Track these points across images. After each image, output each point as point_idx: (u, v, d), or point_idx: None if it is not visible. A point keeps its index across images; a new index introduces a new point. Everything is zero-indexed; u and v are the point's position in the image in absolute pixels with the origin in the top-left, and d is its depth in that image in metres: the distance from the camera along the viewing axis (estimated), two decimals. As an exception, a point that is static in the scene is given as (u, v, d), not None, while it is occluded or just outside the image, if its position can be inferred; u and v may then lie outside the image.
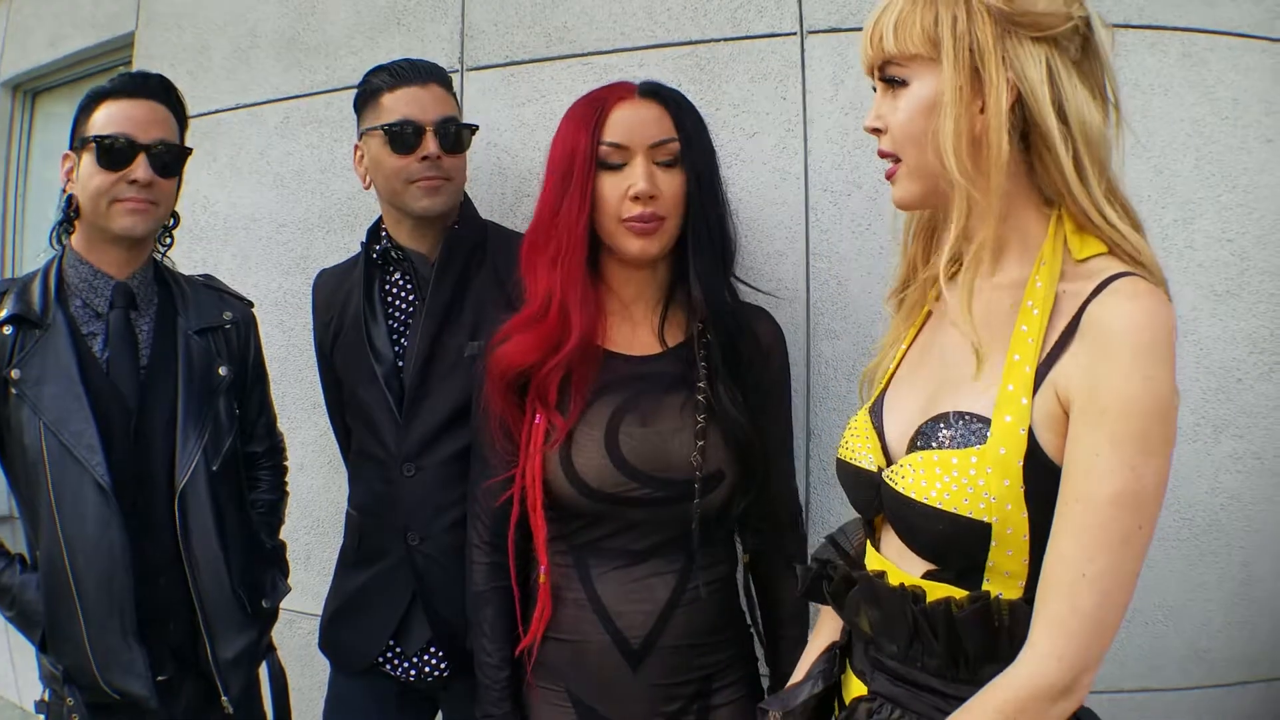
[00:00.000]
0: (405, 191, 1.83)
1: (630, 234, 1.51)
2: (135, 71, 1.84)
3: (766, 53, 2.00)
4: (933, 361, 1.24)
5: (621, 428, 1.52)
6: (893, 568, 1.18)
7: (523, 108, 2.16)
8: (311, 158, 2.39)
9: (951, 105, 1.08)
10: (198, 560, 1.76)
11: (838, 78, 1.95)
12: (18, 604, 1.73)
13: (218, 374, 1.85)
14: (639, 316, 1.62)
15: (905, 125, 1.14)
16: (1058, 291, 1.09)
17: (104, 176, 1.70)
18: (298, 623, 2.41)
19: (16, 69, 3.69)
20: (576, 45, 2.13)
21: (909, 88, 1.13)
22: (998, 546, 1.06)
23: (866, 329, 1.91)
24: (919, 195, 1.18)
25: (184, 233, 2.58)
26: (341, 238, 2.33)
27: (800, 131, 1.97)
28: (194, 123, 2.55)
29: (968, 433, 1.09)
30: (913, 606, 1.12)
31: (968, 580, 1.10)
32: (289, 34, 2.46)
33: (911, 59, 1.12)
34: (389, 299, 1.90)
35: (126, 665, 1.69)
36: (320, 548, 2.40)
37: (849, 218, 1.94)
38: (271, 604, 1.93)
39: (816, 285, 1.95)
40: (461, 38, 2.23)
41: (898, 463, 1.16)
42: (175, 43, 2.70)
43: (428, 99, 1.84)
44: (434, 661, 1.85)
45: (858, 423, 1.28)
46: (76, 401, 1.68)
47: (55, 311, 1.72)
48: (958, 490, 1.07)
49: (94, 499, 1.67)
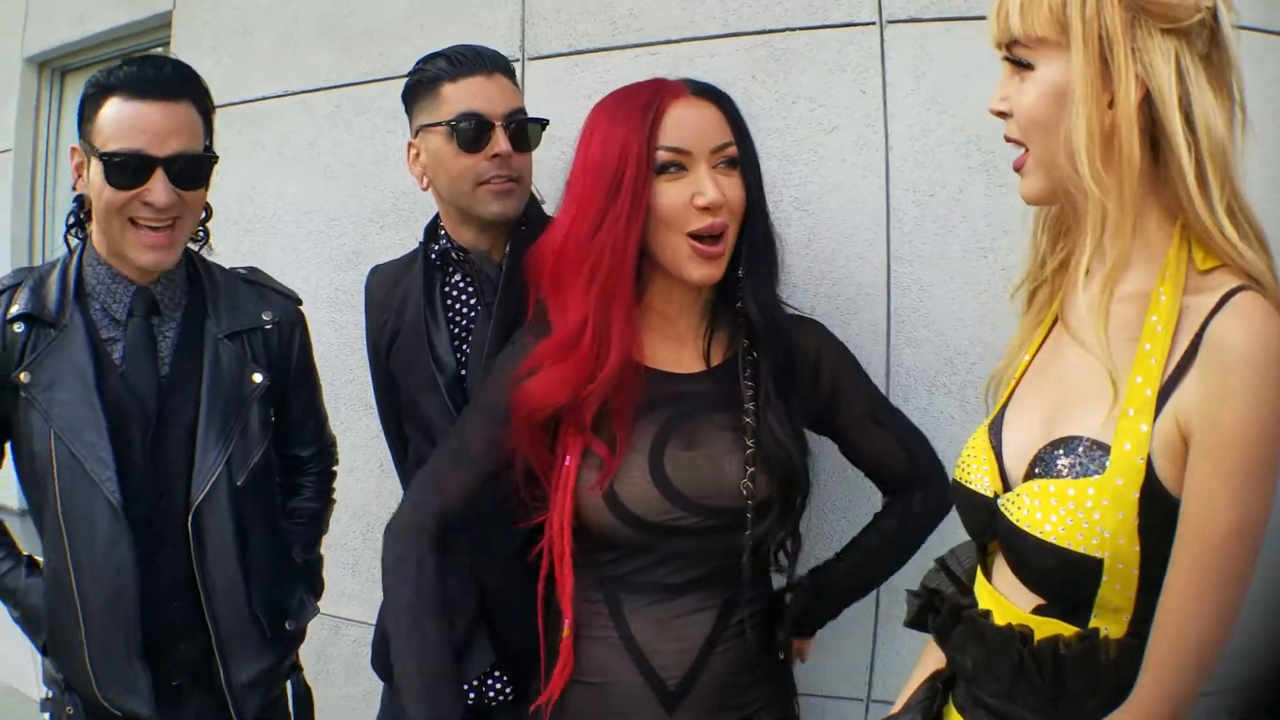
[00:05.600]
0: (473, 195, 1.71)
1: (698, 258, 1.40)
2: (147, 59, 1.63)
3: (844, 43, 1.91)
4: (1055, 375, 1.17)
5: (667, 450, 1.42)
6: (1002, 602, 1.13)
7: (586, 99, 2.03)
8: (365, 148, 2.32)
9: (1084, 100, 1.02)
10: (213, 581, 1.65)
11: (919, 70, 1.86)
12: (22, 607, 1.66)
13: (250, 381, 1.70)
14: (682, 332, 1.51)
15: (1031, 111, 1.07)
16: (1181, 305, 1.03)
17: (115, 195, 1.52)
18: (344, 629, 2.36)
19: (43, 45, 3.60)
20: (644, 34, 2.04)
21: (1035, 71, 1.07)
22: (1108, 581, 1.02)
23: (950, 337, 1.84)
24: (1047, 190, 1.11)
25: (229, 223, 2.52)
26: (397, 233, 2.26)
27: (881, 127, 1.88)
28: (238, 110, 2.50)
29: (1087, 461, 1.05)
30: (1020, 647, 1.08)
31: (1075, 616, 1.06)
32: (334, 18, 2.38)
33: (1038, 42, 1.05)
34: (449, 302, 1.81)
35: (128, 685, 1.60)
36: (369, 554, 2.35)
37: (932, 219, 1.85)
38: (296, 626, 1.80)
39: (898, 290, 1.87)
40: (522, 25, 2.14)
41: (1014, 491, 1.11)
42: (215, 24, 2.62)
43: (494, 90, 1.72)
44: (497, 686, 1.77)
45: (976, 442, 1.22)
46: (90, 410, 1.56)
47: (73, 312, 1.59)
48: (1073, 524, 1.02)
49: (104, 515, 1.56)
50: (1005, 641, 1.09)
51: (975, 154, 1.80)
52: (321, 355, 2.31)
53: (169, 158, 1.52)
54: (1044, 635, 1.07)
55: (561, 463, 1.44)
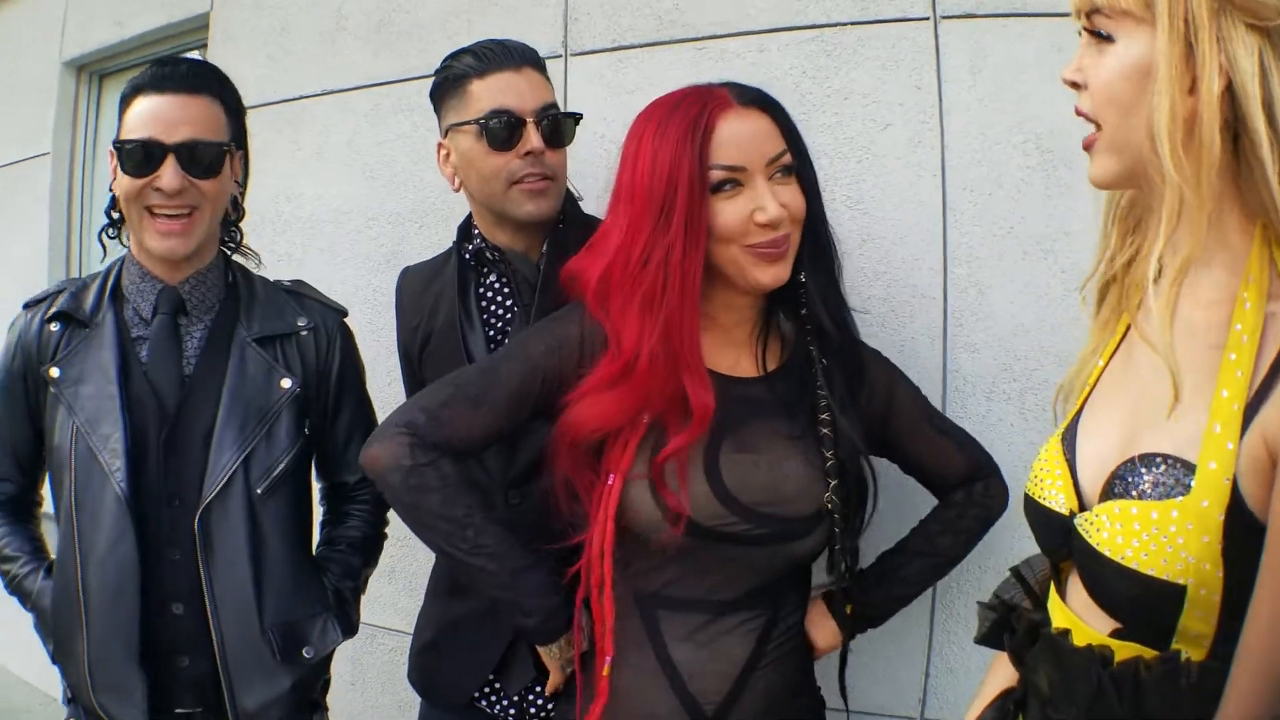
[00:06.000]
0: (506, 195, 1.66)
1: (761, 261, 1.34)
2: (168, 58, 1.67)
3: (897, 38, 1.86)
4: (1132, 384, 1.11)
5: (722, 452, 1.37)
6: (1078, 623, 1.07)
7: (631, 96, 2.03)
8: (403, 147, 2.29)
9: (1167, 81, 0.96)
10: (221, 590, 1.59)
11: (975, 66, 1.80)
12: (37, 609, 1.65)
13: (279, 386, 1.67)
14: (738, 338, 1.46)
15: (1108, 86, 1.01)
16: (1266, 312, 0.97)
17: (129, 183, 1.56)
18: (380, 638, 2.32)
19: (82, 49, 3.61)
20: (690, 29, 1.99)
21: (1115, 45, 1.01)
22: (1190, 609, 0.96)
23: (1009, 342, 1.77)
24: (1118, 172, 1.05)
25: (265, 224, 2.50)
26: (435, 233, 2.22)
27: (936, 124, 1.82)
28: (275, 109, 2.47)
29: (1170, 480, 0.98)
30: (1100, 670, 1.02)
31: (1154, 643, 1.00)
32: (378, 16, 2.35)
33: (1122, 15, 0.99)
34: (484, 304, 1.75)
35: (123, 691, 1.55)
36: (405, 561, 2.30)
37: (991, 219, 1.79)
38: (314, 654, 1.68)
39: (955, 292, 1.80)
40: (565, 20, 2.10)
41: (1093, 510, 1.04)
42: (254, 24, 2.60)
43: (524, 85, 1.66)
44: (539, 701, 1.70)
45: (1048, 455, 1.16)
46: (110, 402, 1.57)
47: (106, 312, 1.63)
48: (1156, 550, 0.96)
49: (111, 508, 1.55)
50: (1084, 663, 1.03)
51: (1034, 152, 1.74)
52: (358, 359, 2.27)
53: (179, 144, 1.55)
54: (1124, 658, 1.01)
55: (604, 481, 1.38)
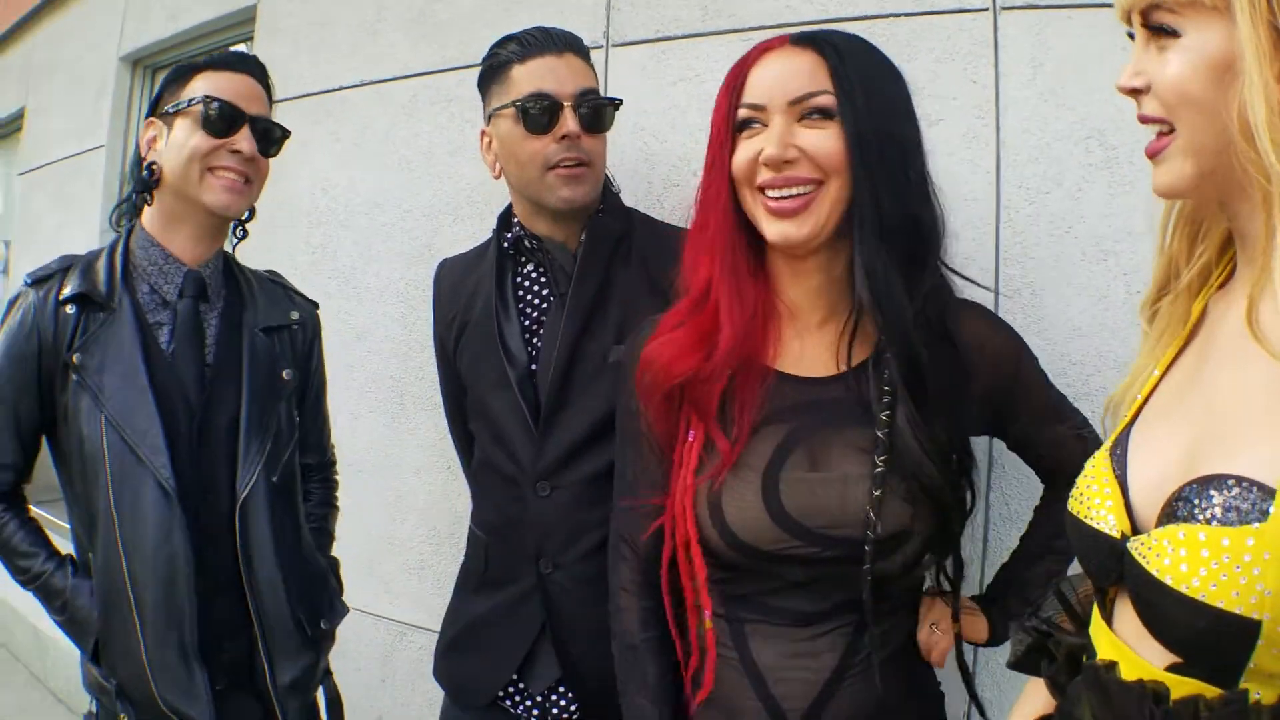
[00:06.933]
0: (541, 181, 1.63)
1: (770, 215, 1.24)
2: (233, 51, 1.79)
3: (954, 30, 1.77)
4: (1198, 399, 1.00)
5: (784, 471, 1.25)
6: (1127, 654, 0.97)
7: (673, 87, 1.97)
8: (440, 139, 2.25)
9: (1257, 69, 0.86)
10: (258, 578, 1.64)
11: (1036, 60, 1.71)
12: (69, 609, 1.60)
13: (281, 377, 1.73)
14: (811, 325, 1.33)
15: (1181, 85, 0.91)
16: None
17: (205, 140, 1.59)
18: (409, 636, 2.28)
19: (136, 44, 3.67)
20: (735, 19, 1.93)
21: (1181, 39, 0.91)
22: (1265, 645, 0.86)
23: (1063, 347, 1.68)
24: (1193, 179, 0.94)
25: (300, 215, 2.48)
26: (470, 226, 2.18)
27: (992, 120, 1.74)
28: (315, 100, 2.45)
29: (1245, 505, 0.88)
30: (1154, 707, 0.92)
31: (1218, 680, 0.90)
32: (419, 7, 2.31)
33: (1190, 5, 0.90)
34: (520, 293, 1.71)
35: (185, 686, 1.56)
36: (436, 559, 2.26)
37: (1047, 219, 1.70)
38: (330, 626, 1.79)
39: (1007, 294, 1.71)
40: (607, 10, 2.05)
41: (1150, 534, 0.94)
42: (298, 16, 2.59)
43: (564, 70, 1.63)
44: (562, 703, 1.66)
45: (1096, 471, 1.06)
46: (141, 395, 1.55)
47: (121, 294, 1.60)
48: (1227, 580, 0.86)
49: (156, 502, 1.53)
50: (1135, 699, 0.93)
51: (1097, 149, 1.65)
52: (390, 353, 2.25)
53: (255, 116, 1.64)
54: (1181, 695, 0.91)
55: (685, 438, 1.31)
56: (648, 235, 1.72)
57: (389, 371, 2.32)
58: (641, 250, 1.70)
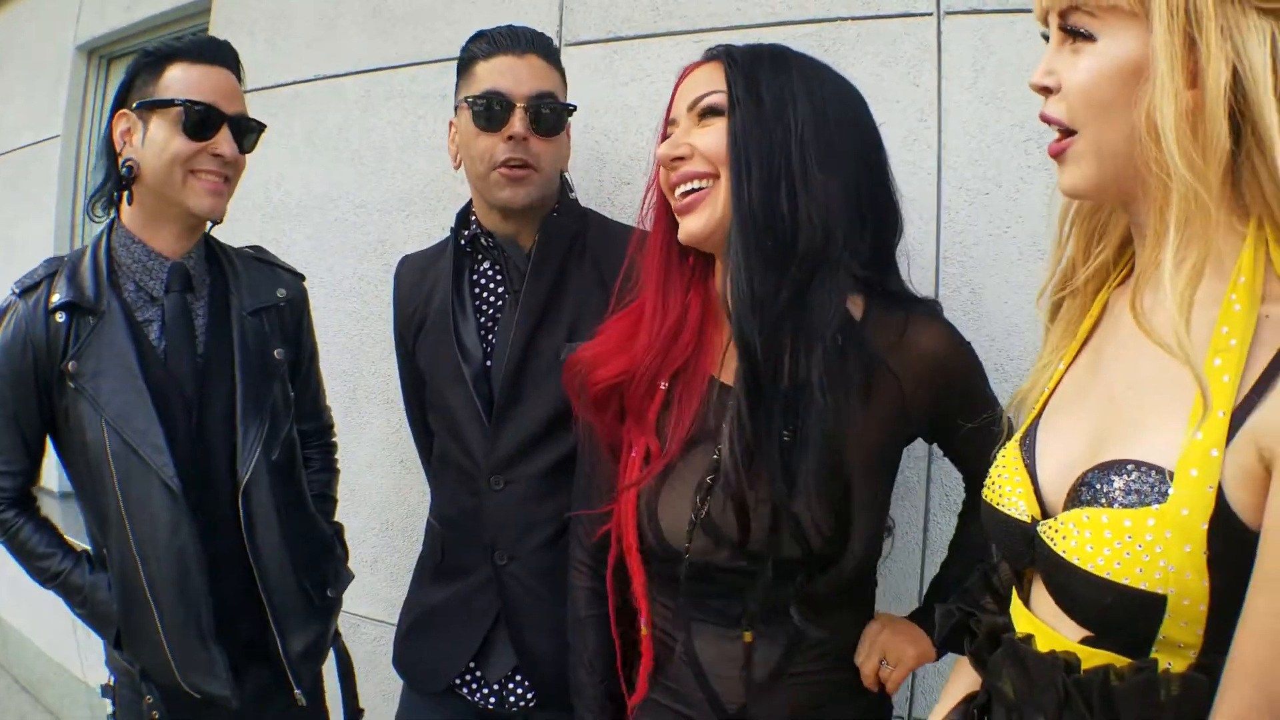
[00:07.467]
0: (486, 178, 1.66)
1: (677, 215, 1.28)
2: (204, 36, 1.73)
3: (899, 34, 1.81)
4: (1099, 389, 1.05)
5: (719, 483, 1.26)
6: (1044, 629, 1.02)
7: (625, 87, 1.99)
8: (394, 134, 2.26)
9: (1169, 76, 0.89)
10: (263, 556, 1.68)
11: (978, 64, 1.75)
12: (90, 604, 1.66)
13: (274, 358, 1.74)
14: None
15: (1089, 89, 0.94)
16: (1259, 315, 0.91)
17: (185, 144, 1.58)
18: (363, 627, 2.29)
19: (92, 33, 3.62)
20: (687, 21, 1.95)
21: (1096, 44, 0.94)
22: (1171, 619, 0.91)
23: (1002, 342, 1.72)
24: (1096, 182, 0.98)
25: (254, 210, 2.47)
26: (423, 222, 2.19)
27: (934, 122, 1.78)
28: (270, 94, 2.45)
29: (1144, 488, 0.92)
30: (1064, 676, 0.96)
31: (1131, 652, 0.95)
32: (375, 2, 2.31)
33: (1108, 10, 0.93)
34: (477, 290, 1.74)
35: (206, 667, 1.62)
36: (389, 552, 2.27)
37: (986, 219, 1.74)
38: (336, 593, 1.84)
39: (947, 293, 1.76)
40: (560, 10, 2.06)
41: (1057, 518, 0.99)
42: (255, 8, 2.58)
43: (523, 70, 1.65)
44: (519, 690, 1.69)
45: (1006, 460, 1.10)
46: (138, 396, 1.57)
47: (109, 297, 1.61)
48: (1130, 558, 0.90)
49: (163, 500, 1.57)
50: (1048, 669, 0.98)
51: (1035, 151, 1.69)
52: (343, 347, 2.25)
53: (234, 116, 1.63)
54: (1093, 665, 0.95)
55: (628, 452, 1.35)
56: (600, 234, 1.75)
57: (341, 366, 2.32)
58: (594, 249, 1.72)
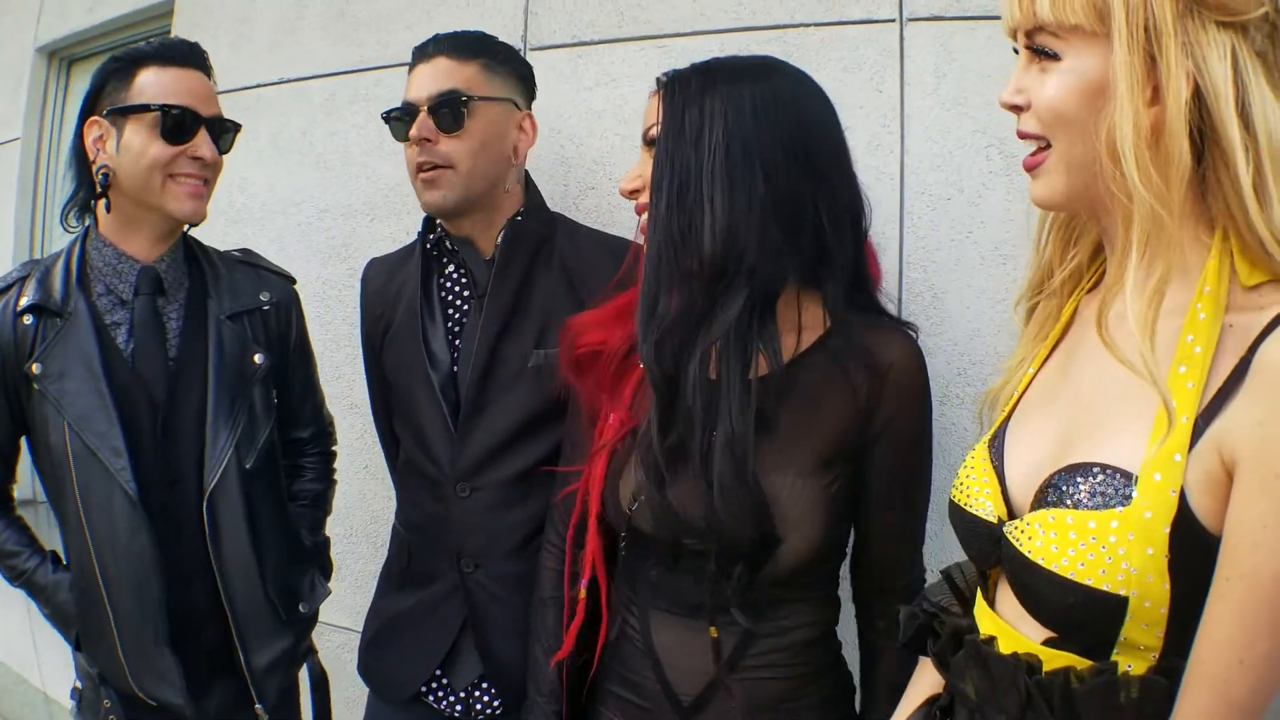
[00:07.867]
0: (415, 184, 1.66)
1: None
2: (173, 38, 1.73)
3: (861, 41, 1.82)
4: (1068, 393, 1.07)
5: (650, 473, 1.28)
6: (1007, 630, 1.03)
7: (590, 92, 1.99)
8: (358, 139, 2.25)
9: (1129, 95, 0.91)
10: (228, 566, 1.65)
11: (940, 70, 1.77)
12: (51, 603, 1.66)
13: (252, 362, 1.71)
14: None
15: (1057, 106, 0.96)
16: (1223, 324, 0.92)
17: (165, 149, 1.57)
18: (327, 635, 2.26)
19: (54, 34, 3.59)
20: (651, 26, 1.96)
21: (1061, 62, 0.96)
22: (1132, 621, 0.92)
23: (964, 346, 1.74)
24: (1066, 193, 1.00)
25: (217, 214, 2.44)
26: (387, 225, 2.18)
27: (897, 128, 1.79)
28: (234, 97, 2.43)
29: (1109, 490, 0.94)
30: (1026, 678, 0.98)
31: (1093, 653, 0.96)
32: (339, 6, 2.31)
33: (1070, 30, 0.95)
34: (444, 294, 1.73)
35: (160, 673, 1.60)
36: (353, 559, 2.26)
37: (948, 224, 1.75)
38: (310, 609, 1.81)
39: (910, 297, 1.77)
40: (525, 14, 2.06)
41: (1023, 519, 1.00)
42: (218, 11, 2.56)
43: (426, 75, 1.66)
44: (485, 699, 1.68)
45: (975, 461, 1.12)
46: (99, 399, 1.56)
47: (77, 299, 1.60)
48: (1094, 559, 0.92)
49: (122, 505, 1.57)
50: (1010, 671, 0.99)
51: (997, 157, 1.71)
52: (306, 352, 2.22)
53: (210, 118, 1.62)
54: (1054, 667, 0.97)
55: (605, 417, 1.38)
56: (569, 239, 1.74)
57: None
58: (563, 253, 1.72)
